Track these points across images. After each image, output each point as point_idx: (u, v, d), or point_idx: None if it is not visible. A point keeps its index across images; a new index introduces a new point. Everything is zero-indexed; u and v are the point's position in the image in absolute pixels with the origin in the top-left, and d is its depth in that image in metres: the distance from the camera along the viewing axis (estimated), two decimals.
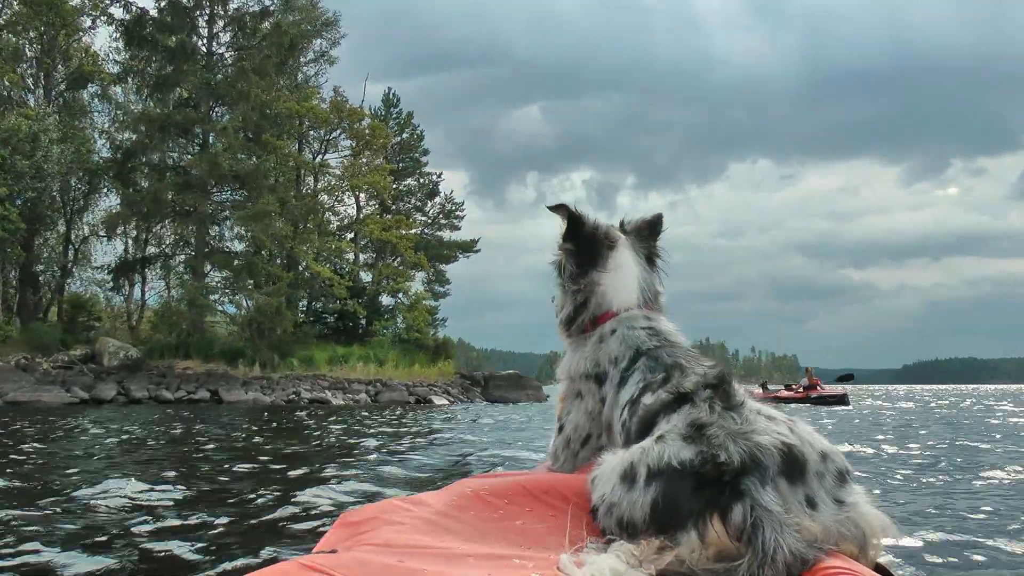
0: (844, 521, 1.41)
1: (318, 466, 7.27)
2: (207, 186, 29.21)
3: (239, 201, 30.27)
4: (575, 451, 1.91)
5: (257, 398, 24.38)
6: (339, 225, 37.26)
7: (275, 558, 3.20)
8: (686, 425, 1.45)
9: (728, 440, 1.37)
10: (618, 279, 1.89)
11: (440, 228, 42.85)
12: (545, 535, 1.41)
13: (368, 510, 1.41)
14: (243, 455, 8.23)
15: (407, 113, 43.25)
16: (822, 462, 1.43)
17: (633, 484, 1.41)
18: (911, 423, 14.80)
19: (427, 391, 29.55)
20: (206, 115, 29.71)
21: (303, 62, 33.77)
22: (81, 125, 29.24)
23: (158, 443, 9.79)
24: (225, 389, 24.41)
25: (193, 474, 6.62)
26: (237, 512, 4.65)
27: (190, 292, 28.73)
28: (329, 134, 35.31)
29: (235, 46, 31.20)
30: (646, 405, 1.63)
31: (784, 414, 1.52)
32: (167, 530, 4.07)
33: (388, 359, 31.35)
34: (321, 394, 26.08)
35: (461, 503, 1.48)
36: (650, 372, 1.73)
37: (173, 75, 28.78)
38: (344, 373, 28.92)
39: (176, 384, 24.43)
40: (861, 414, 18.95)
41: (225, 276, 31.09)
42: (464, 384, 33.46)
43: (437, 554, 1.24)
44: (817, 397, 24.52)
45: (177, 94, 30.21)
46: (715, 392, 1.53)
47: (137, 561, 3.43)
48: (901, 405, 19.47)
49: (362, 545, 1.26)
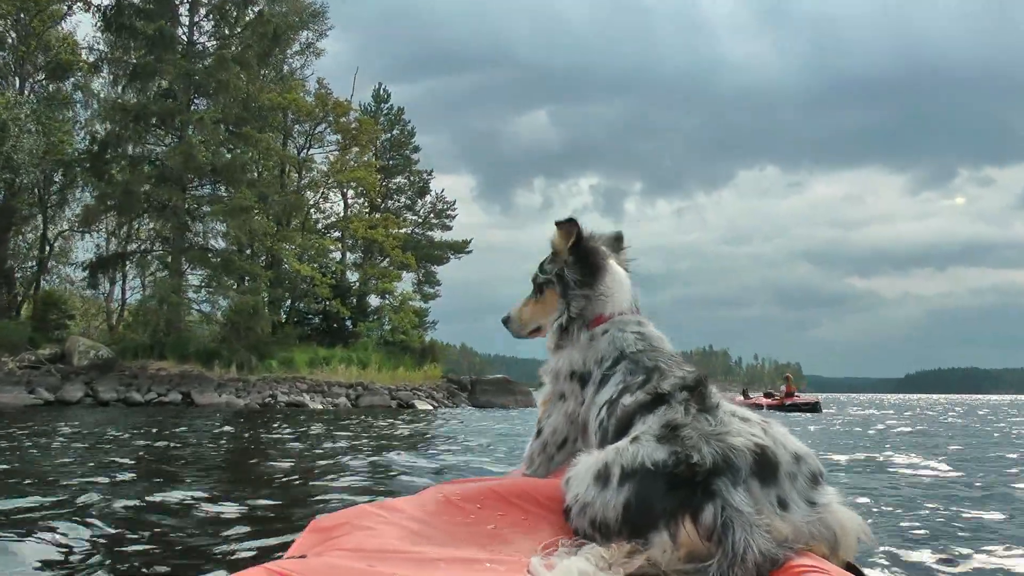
0: (815, 522, 1.46)
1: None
2: (184, 180, 29.03)
3: (216, 196, 30.07)
4: (551, 455, 1.97)
5: (230, 401, 24.13)
6: (325, 223, 37.21)
7: (243, 564, 3.15)
8: (660, 426, 1.50)
9: (701, 441, 1.43)
10: (615, 285, 2.02)
11: (431, 228, 42.70)
12: (517, 539, 1.46)
13: (339, 516, 1.44)
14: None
15: (397, 108, 43.21)
16: (795, 464, 1.48)
17: (607, 484, 1.46)
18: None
19: (410, 395, 29.45)
20: (185, 106, 29.51)
21: (289, 54, 33.69)
22: (61, 116, 29.03)
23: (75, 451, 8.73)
24: (198, 391, 24.14)
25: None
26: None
27: (161, 289, 28.54)
28: (314, 128, 35.21)
29: (217, 35, 31.06)
30: (624, 406, 1.69)
31: (759, 416, 1.58)
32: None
33: (371, 361, 31.26)
34: (299, 397, 25.95)
35: (433, 508, 1.52)
36: (630, 375, 1.80)
37: (152, 64, 28.58)
38: (325, 376, 28.81)
39: (147, 386, 24.22)
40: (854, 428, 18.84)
41: (202, 274, 30.92)
42: (451, 388, 33.39)
43: (408, 559, 1.27)
44: (791, 405, 26.35)
45: (157, 84, 30.03)
46: (691, 394, 1.58)
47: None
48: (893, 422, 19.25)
49: (333, 551, 1.30)
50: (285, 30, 30.98)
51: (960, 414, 28.75)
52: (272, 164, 33.05)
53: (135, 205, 28.66)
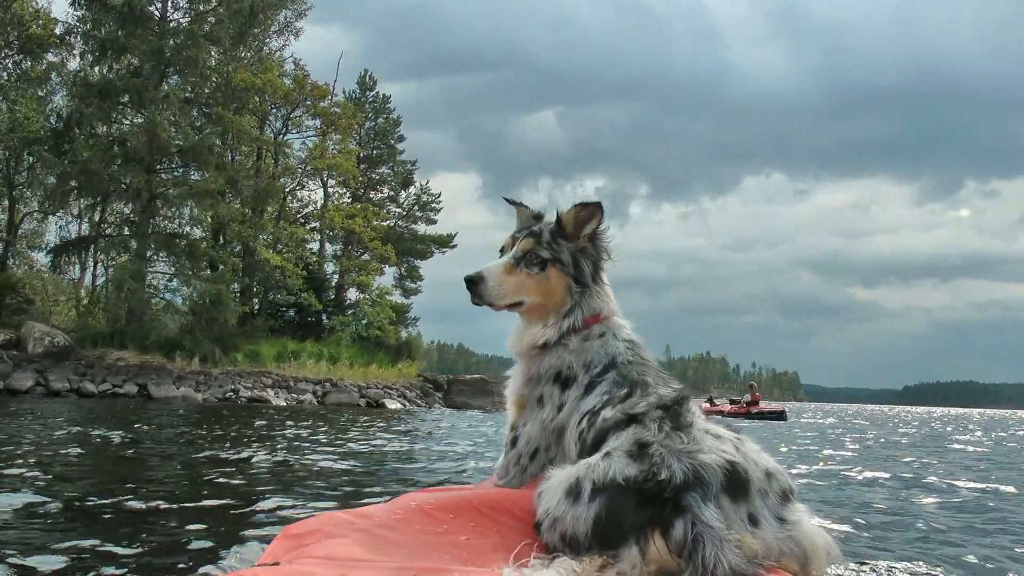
0: (786, 539, 1.53)
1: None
2: (151, 161, 28.66)
3: (183, 178, 29.66)
4: (524, 466, 2.00)
5: (187, 395, 23.84)
6: (304, 212, 36.94)
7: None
8: (631, 443, 1.56)
9: (672, 458, 1.49)
10: (609, 291, 2.06)
11: (415, 221, 42.50)
12: (489, 550, 1.51)
13: (311, 523, 1.49)
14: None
15: (383, 96, 42.96)
16: (766, 480, 1.56)
17: (578, 499, 1.51)
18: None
19: (381, 394, 29.35)
20: (155, 83, 29.12)
21: (270, 34, 33.30)
22: (30, 93, 28.55)
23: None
24: (155, 384, 23.85)
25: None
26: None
27: (119, 274, 28.17)
28: (291, 112, 34.90)
29: (192, 12, 30.68)
30: (603, 419, 1.73)
31: (732, 433, 1.65)
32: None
33: (342, 357, 31.11)
34: (262, 393, 25.80)
35: (406, 516, 1.57)
36: (616, 387, 1.82)
37: (120, 40, 28.18)
38: (293, 371, 28.65)
39: (102, 376, 23.92)
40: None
41: (166, 260, 30.55)
42: (425, 388, 33.33)
43: (380, 568, 1.33)
44: (757, 413, 27.31)
45: (127, 62, 29.62)
46: (666, 413, 1.65)
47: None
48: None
49: (304, 558, 1.35)
50: (263, 8, 30.67)
51: (924, 424, 29.13)
52: (248, 149, 32.73)
53: (97, 186, 28.26)
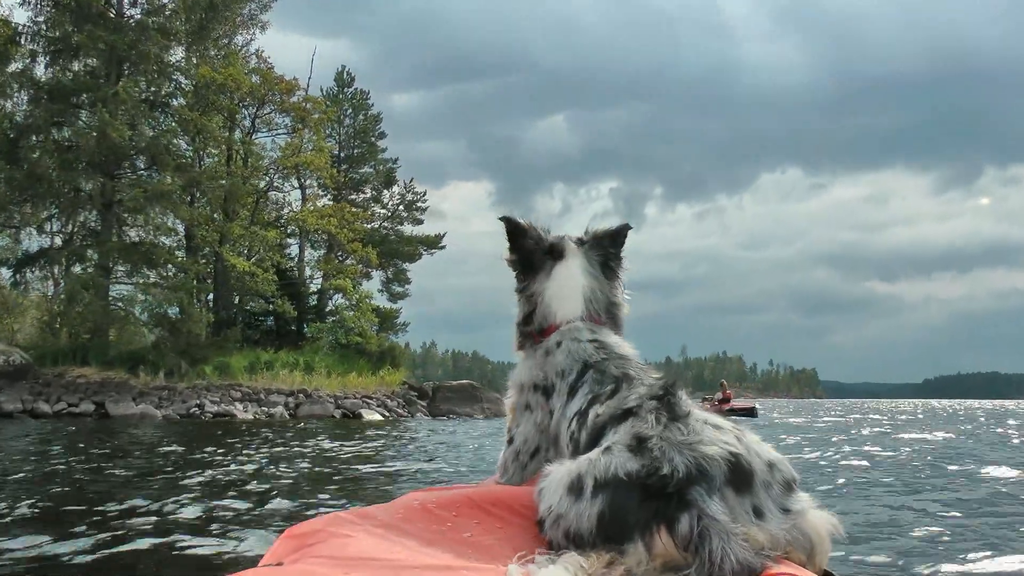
0: (791, 529, 1.61)
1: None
2: (108, 165, 28.38)
3: (137, 181, 29.37)
4: (523, 463, 2.10)
5: (147, 412, 23.75)
6: (279, 215, 36.84)
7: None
8: (631, 437, 1.63)
9: (673, 451, 1.56)
10: (561, 290, 2.11)
11: (401, 221, 42.59)
12: (493, 547, 1.58)
13: (314, 523, 1.55)
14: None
15: (361, 92, 42.87)
16: (769, 471, 1.63)
17: (580, 495, 1.57)
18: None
19: (359, 404, 29.30)
20: (111, 83, 28.89)
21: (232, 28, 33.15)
22: None
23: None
24: (113, 401, 23.77)
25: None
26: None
27: (72, 287, 27.91)
28: (258, 108, 34.74)
29: (149, 7, 30.46)
30: (595, 416, 1.81)
31: (731, 423, 1.72)
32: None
33: (319, 366, 31.01)
34: (229, 407, 25.73)
35: (409, 515, 1.64)
36: (598, 384, 1.91)
37: (75, 39, 27.86)
38: (265, 383, 28.54)
39: (58, 395, 23.73)
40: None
41: (123, 269, 30.25)
42: (408, 396, 33.32)
43: (384, 566, 1.39)
44: (728, 410, 28.06)
45: (84, 63, 29.37)
46: (660, 403, 1.72)
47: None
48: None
49: (308, 558, 1.41)
50: (228, 2, 30.57)
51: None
52: (217, 151, 32.65)
53: (48, 193, 27.97)
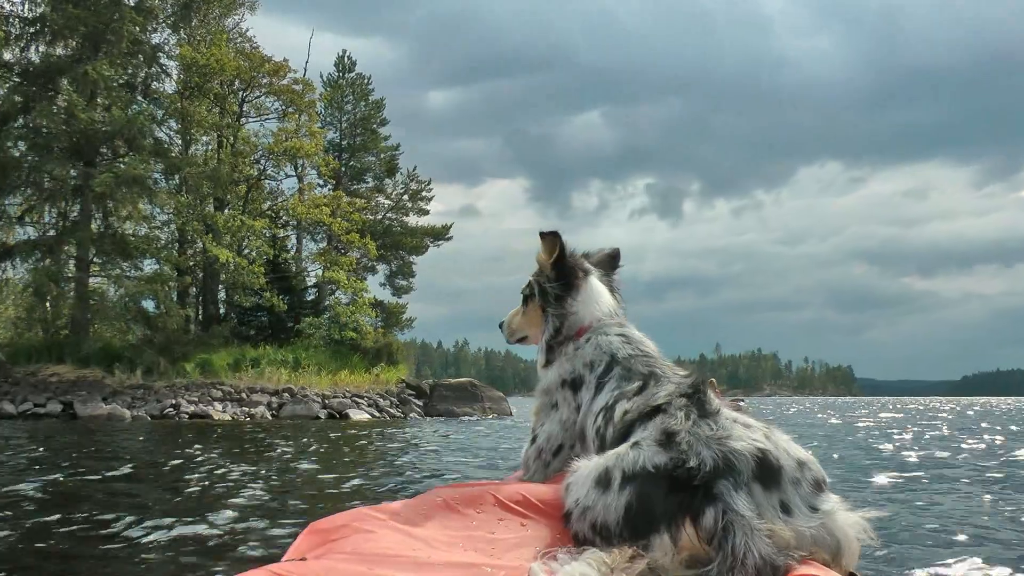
0: (819, 528, 1.67)
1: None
2: (79, 150, 28.17)
3: (110, 165, 29.16)
4: (547, 461, 2.20)
5: (114, 412, 23.61)
6: (273, 205, 36.86)
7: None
8: (660, 432, 1.71)
9: (701, 445, 1.63)
10: (592, 301, 2.30)
11: (406, 212, 42.67)
12: (516, 544, 1.65)
13: (338, 518, 1.62)
14: None
15: (363, 77, 42.75)
16: (799, 469, 1.69)
17: (608, 488, 1.66)
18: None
19: (348, 403, 29.17)
20: (82, 64, 28.78)
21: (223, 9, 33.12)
22: None
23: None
24: (82, 401, 23.68)
25: None
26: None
27: (36, 280, 27.73)
28: (247, 91, 34.68)
29: None
30: (622, 413, 1.90)
31: (761, 422, 1.79)
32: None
33: (307, 362, 30.91)
34: (207, 407, 25.70)
35: (431, 512, 1.71)
36: (625, 381, 2.03)
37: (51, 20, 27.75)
38: (250, 381, 28.46)
39: (24, 395, 23.70)
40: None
41: (102, 262, 30.15)
42: (404, 395, 33.24)
43: (407, 562, 1.45)
44: None
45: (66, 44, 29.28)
46: (690, 401, 1.80)
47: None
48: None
49: (332, 553, 1.48)
50: None
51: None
52: (208, 138, 32.66)
53: (14, 180, 27.77)
